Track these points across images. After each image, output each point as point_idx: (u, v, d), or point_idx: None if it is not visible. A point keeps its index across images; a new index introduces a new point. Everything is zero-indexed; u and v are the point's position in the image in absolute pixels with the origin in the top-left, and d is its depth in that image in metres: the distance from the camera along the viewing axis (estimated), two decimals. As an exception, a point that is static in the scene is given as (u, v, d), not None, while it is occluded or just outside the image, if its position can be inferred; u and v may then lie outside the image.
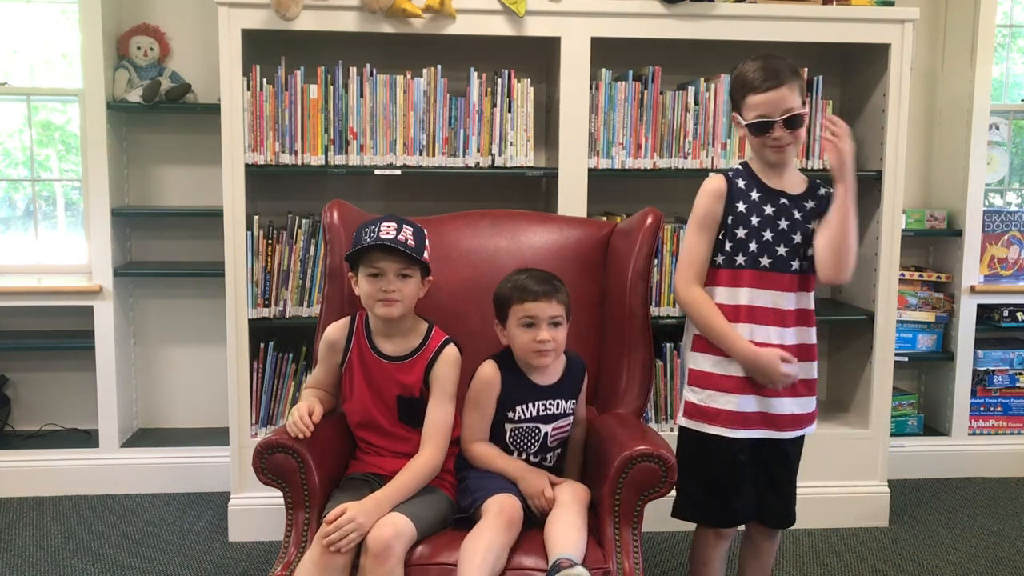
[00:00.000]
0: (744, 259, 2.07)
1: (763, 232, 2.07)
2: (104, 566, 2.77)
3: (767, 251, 2.07)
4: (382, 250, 2.00)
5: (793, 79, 2.01)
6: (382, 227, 2.01)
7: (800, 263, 2.09)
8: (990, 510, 3.29)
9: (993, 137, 3.64)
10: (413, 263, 2.03)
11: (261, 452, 1.95)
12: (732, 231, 2.07)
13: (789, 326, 2.08)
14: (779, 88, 1.99)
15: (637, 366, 2.23)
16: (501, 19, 2.85)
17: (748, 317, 2.06)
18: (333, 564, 1.79)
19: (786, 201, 2.09)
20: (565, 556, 1.78)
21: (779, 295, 2.07)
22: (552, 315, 2.01)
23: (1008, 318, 3.57)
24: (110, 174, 3.19)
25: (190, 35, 3.31)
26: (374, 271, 2.01)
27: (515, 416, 2.05)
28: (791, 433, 2.11)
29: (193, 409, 3.50)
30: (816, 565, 2.86)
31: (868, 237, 3.17)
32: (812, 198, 2.11)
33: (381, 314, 2.03)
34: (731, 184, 2.10)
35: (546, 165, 3.18)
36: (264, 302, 2.96)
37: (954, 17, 3.50)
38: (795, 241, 2.07)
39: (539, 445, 2.08)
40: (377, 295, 2.01)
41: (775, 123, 2.00)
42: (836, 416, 3.30)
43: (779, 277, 2.07)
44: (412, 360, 2.07)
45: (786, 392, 2.08)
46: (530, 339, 2.00)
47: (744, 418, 2.06)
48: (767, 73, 2.00)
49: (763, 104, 2.00)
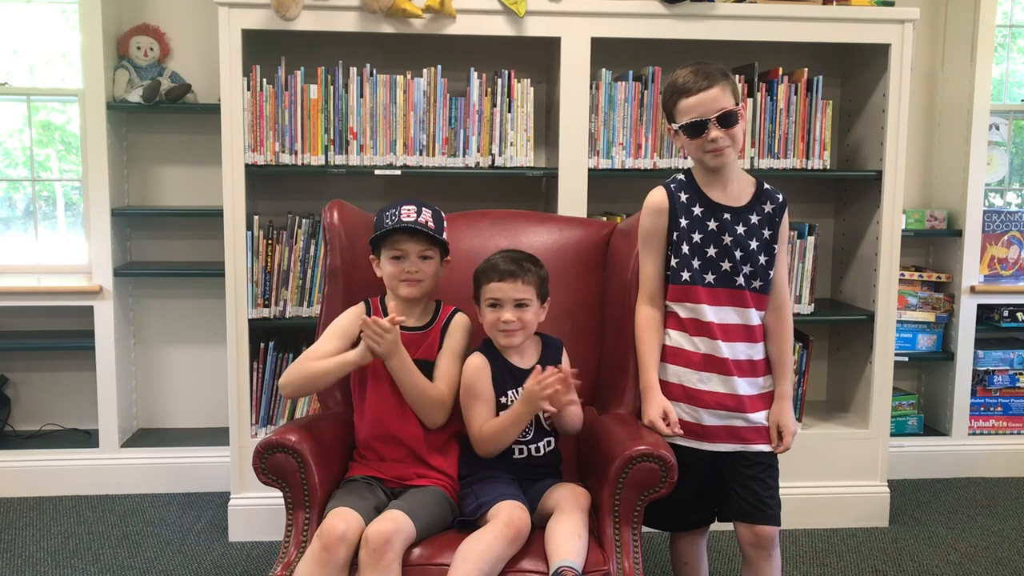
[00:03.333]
0: (689, 275, 2.05)
1: (706, 248, 2.05)
2: (104, 566, 2.77)
3: (711, 267, 2.05)
4: (404, 232, 2.07)
5: (724, 80, 1.99)
6: (402, 210, 2.09)
7: (745, 280, 2.05)
8: (990, 510, 3.29)
9: (993, 137, 3.64)
10: (434, 244, 2.11)
11: (261, 452, 1.95)
12: (677, 247, 2.06)
13: (736, 341, 2.05)
14: (710, 89, 1.97)
15: (637, 366, 2.22)
16: (501, 19, 2.86)
17: (697, 331, 2.05)
18: (332, 561, 1.79)
19: (729, 216, 2.05)
20: (567, 564, 1.78)
21: (723, 310, 2.05)
22: (517, 297, 2.04)
23: (1008, 318, 3.57)
24: (110, 174, 3.18)
25: (190, 35, 3.31)
26: (397, 253, 2.10)
27: (507, 401, 2.08)
28: (718, 446, 2.07)
29: (193, 409, 3.50)
30: (816, 565, 2.86)
31: (868, 237, 3.17)
32: (757, 211, 2.07)
33: (405, 294, 2.11)
34: (673, 198, 2.07)
35: (546, 165, 3.18)
36: (264, 302, 2.96)
37: (954, 17, 3.50)
38: (737, 257, 2.05)
39: (534, 430, 2.09)
40: (401, 275, 2.10)
41: (708, 122, 1.97)
42: (836, 416, 3.30)
43: (724, 293, 2.05)
44: (428, 330, 2.15)
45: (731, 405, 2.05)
46: (495, 318, 2.06)
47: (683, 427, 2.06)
48: (697, 76, 1.99)
49: (696, 106, 1.98)
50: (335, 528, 1.81)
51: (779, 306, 2.11)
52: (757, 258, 2.06)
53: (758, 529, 2.08)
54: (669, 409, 2.05)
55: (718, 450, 2.08)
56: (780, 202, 2.09)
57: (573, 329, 2.28)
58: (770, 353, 2.11)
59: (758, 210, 2.07)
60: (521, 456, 2.08)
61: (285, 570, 1.88)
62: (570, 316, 2.32)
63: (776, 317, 2.11)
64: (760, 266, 2.06)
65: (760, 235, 2.06)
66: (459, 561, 1.79)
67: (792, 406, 2.13)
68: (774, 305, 2.10)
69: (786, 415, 2.09)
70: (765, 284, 2.08)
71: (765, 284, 2.08)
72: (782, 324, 2.11)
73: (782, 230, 2.10)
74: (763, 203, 2.08)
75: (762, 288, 2.08)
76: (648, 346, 2.09)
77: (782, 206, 2.09)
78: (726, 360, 2.05)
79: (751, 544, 2.10)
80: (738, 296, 2.06)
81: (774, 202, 2.08)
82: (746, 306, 2.06)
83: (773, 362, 2.11)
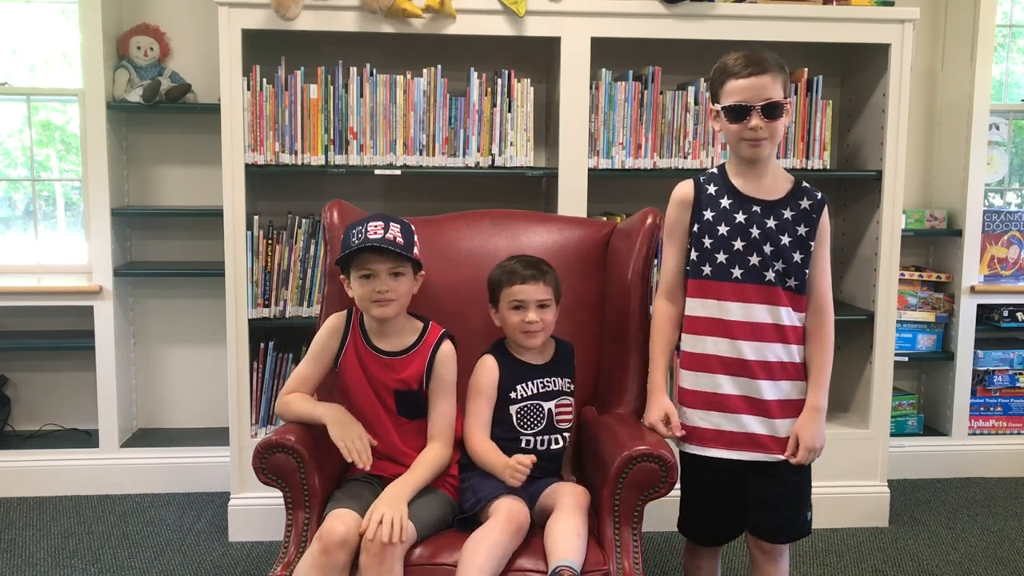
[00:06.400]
0: (711, 269, 1.99)
1: (733, 241, 1.97)
2: (104, 566, 2.77)
3: (738, 261, 1.97)
4: (372, 251, 1.99)
5: (777, 71, 1.91)
6: (369, 227, 2.00)
7: (777, 276, 1.97)
8: (990, 510, 3.29)
9: (993, 137, 3.64)
10: (404, 261, 2.02)
11: (261, 452, 1.95)
12: (698, 240, 2.00)
13: (766, 341, 1.97)
14: (761, 75, 1.89)
15: (637, 366, 2.22)
16: (501, 19, 2.85)
17: (718, 330, 1.99)
18: (332, 563, 1.79)
19: (758, 208, 1.97)
20: (565, 563, 1.78)
21: (751, 307, 1.97)
22: (539, 298, 2.08)
23: (1008, 318, 3.57)
24: (110, 174, 3.18)
25: (190, 35, 3.31)
26: (366, 272, 2.01)
27: (517, 396, 2.10)
28: (751, 455, 2.00)
29: (193, 409, 3.50)
30: (816, 565, 2.86)
31: (868, 237, 3.17)
32: (792, 206, 1.98)
33: (377, 315, 2.03)
34: (700, 190, 2.02)
35: (546, 165, 3.18)
36: (264, 302, 2.96)
37: (954, 17, 3.50)
38: (767, 251, 1.96)
39: (545, 423, 2.10)
40: (371, 296, 2.01)
41: (753, 109, 1.89)
42: (836, 416, 3.30)
43: (753, 289, 1.97)
44: (410, 355, 2.07)
45: (753, 411, 1.99)
46: (519, 320, 2.08)
47: (703, 435, 2.02)
48: (750, 60, 1.90)
49: (743, 89, 1.90)
50: (335, 531, 1.80)
51: (818, 309, 2.01)
52: (790, 255, 1.97)
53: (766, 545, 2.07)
54: (671, 411, 2.04)
55: (744, 459, 2.01)
56: (818, 200, 2.00)
57: (573, 329, 2.28)
58: (807, 359, 2.02)
59: (793, 205, 1.98)
60: (527, 447, 2.09)
61: (285, 570, 1.88)
62: (570, 316, 2.32)
63: (815, 321, 2.01)
64: (794, 264, 1.97)
65: (794, 231, 1.97)
66: (468, 558, 1.80)
67: (821, 420, 1.99)
68: (813, 308, 2.01)
69: (809, 428, 1.98)
70: (801, 284, 1.98)
71: (801, 284, 1.98)
72: (821, 329, 2.01)
73: (821, 228, 2.00)
74: (799, 199, 1.99)
75: (798, 288, 1.98)
76: (660, 345, 2.07)
77: (820, 204, 2.00)
78: (749, 362, 1.97)
79: (758, 548, 2.09)
80: (769, 293, 1.97)
81: (812, 199, 2.00)
82: (779, 304, 1.97)
83: (808, 369, 2.02)
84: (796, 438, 1.99)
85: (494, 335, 2.20)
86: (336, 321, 2.12)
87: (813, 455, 1.99)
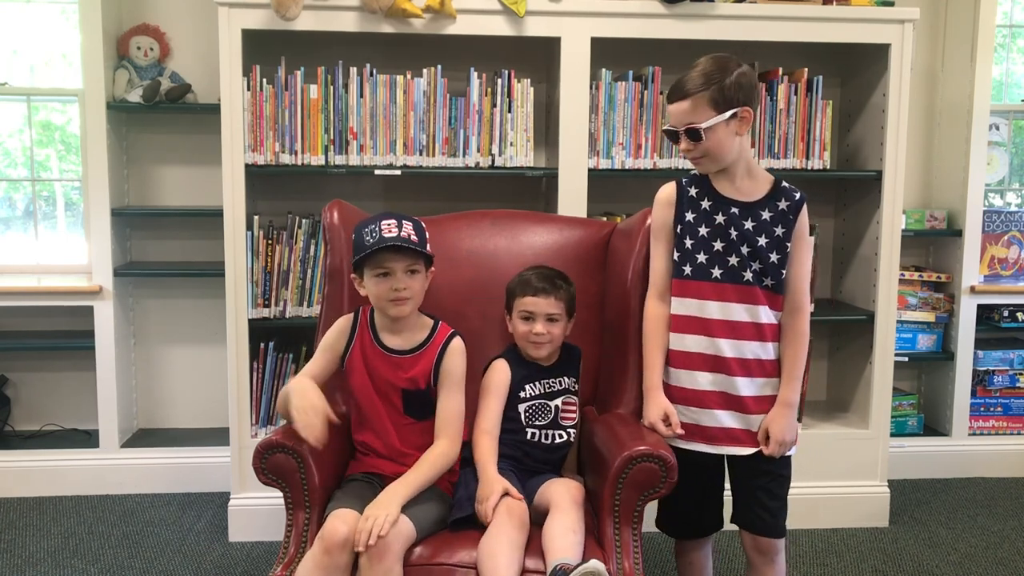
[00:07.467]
0: (691, 269, 2.03)
1: (713, 242, 2.02)
2: (104, 566, 2.77)
3: (718, 262, 2.02)
4: (388, 249, 1.98)
5: (701, 92, 1.93)
6: (383, 226, 2.00)
7: (754, 276, 2.01)
8: (990, 510, 3.29)
9: (993, 137, 3.64)
10: (419, 258, 2.03)
11: (261, 452, 1.94)
12: (680, 241, 2.05)
13: (744, 339, 2.01)
14: (680, 101, 1.96)
15: (637, 366, 2.22)
16: (501, 19, 2.85)
17: (698, 328, 2.03)
18: (333, 564, 1.79)
19: (736, 210, 2.01)
20: (564, 561, 1.78)
21: (730, 307, 2.01)
22: (549, 312, 2.14)
23: (1008, 318, 3.57)
24: (110, 174, 3.18)
25: (190, 35, 3.31)
26: (383, 271, 2.00)
27: (525, 395, 2.16)
28: (728, 449, 2.05)
29: (193, 409, 3.50)
30: (816, 565, 2.86)
31: (868, 237, 3.17)
32: (770, 207, 2.01)
33: (394, 314, 2.03)
34: (682, 192, 2.07)
35: (546, 165, 3.18)
36: (264, 302, 2.96)
37: (954, 17, 3.50)
38: (744, 252, 2.00)
39: (550, 419, 2.16)
40: (388, 295, 2.01)
41: (679, 133, 1.98)
42: (836, 416, 3.30)
43: (732, 288, 2.01)
44: (419, 353, 2.08)
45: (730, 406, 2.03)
46: (527, 330, 2.15)
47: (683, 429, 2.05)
48: (675, 86, 1.99)
49: (672, 114, 1.99)
50: (336, 532, 1.80)
51: (793, 308, 2.04)
52: (767, 255, 2.00)
53: (760, 539, 2.09)
54: (670, 411, 2.04)
55: (720, 453, 2.06)
56: (796, 200, 2.02)
57: (573, 329, 2.28)
58: (780, 355, 2.06)
59: (771, 207, 2.02)
60: (532, 440, 2.14)
61: (285, 570, 1.88)
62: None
63: (790, 320, 2.05)
64: (771, 264, 2.01)
65: (771, 232, 2.00)
66: (488, 558, 1.81)
67: (792, 415, 2.03)
68: (788, 307, 2.05)
69: (779, 422, 2.02)
70: (778, 283, 2.02)
71: (778, 283, 2.02)
72: (796, 327, 2.04)
73: (798, 229, 2.02)
74: (777, 200, 2.03)
75: (775, 287, 2.02)
76: (654, 346, 2.08)
77: (798, 204, 2.02)
78: (727, 359, 2.02)
79: (754, 549, 2.11)
80: (748, 293, 2.01)
81: (790, 199, 2.02)
82: (757, 303, 2.02)
83: (782, 365, 2.06)
84: (766, 431, 2.03)
85: (494, 335, 2.21)
86: (344, 323, 2.13)
87: (784, 448, 2.04)
